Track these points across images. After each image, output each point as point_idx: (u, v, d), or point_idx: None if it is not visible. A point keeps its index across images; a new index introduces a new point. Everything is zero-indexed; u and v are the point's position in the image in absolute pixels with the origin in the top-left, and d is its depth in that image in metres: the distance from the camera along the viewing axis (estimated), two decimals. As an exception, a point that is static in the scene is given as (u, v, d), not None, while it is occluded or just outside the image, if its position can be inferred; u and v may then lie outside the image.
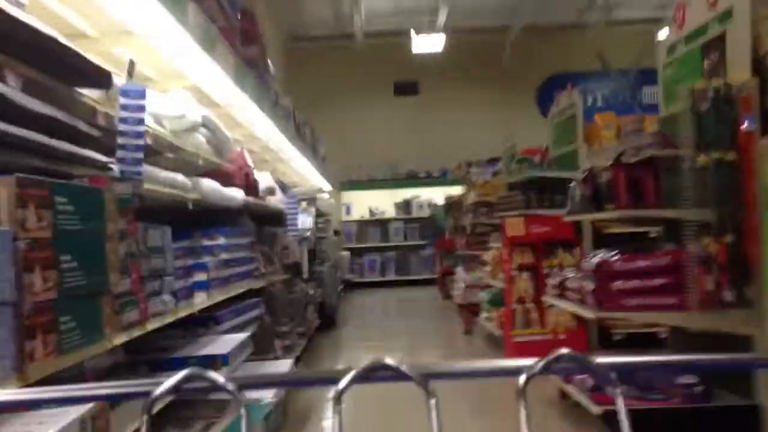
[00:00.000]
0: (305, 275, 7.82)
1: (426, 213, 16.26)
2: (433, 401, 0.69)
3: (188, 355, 3.48)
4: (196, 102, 4.62)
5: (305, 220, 7.51)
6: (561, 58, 16.68)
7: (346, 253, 15.39)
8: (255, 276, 5.51)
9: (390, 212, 16.57)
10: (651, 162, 4.14)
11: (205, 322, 4.32)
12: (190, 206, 4.02)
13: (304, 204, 7.61)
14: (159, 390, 0.67)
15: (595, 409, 4.02)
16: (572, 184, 5.06)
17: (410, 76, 16.94)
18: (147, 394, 0.67)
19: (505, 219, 6.77)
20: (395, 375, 0.70)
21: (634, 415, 0.75)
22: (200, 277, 3.94)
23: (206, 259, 4.20)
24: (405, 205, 16.48)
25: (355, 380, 0.69)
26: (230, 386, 0.69)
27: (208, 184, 4.36)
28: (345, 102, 16.57)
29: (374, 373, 0.70)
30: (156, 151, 4.11)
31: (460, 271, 10.54)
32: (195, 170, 4.48)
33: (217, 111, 5.67)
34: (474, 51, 16.71)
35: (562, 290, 4.89)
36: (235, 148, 5.84)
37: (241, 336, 4.01)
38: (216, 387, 0.69)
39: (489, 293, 7.61)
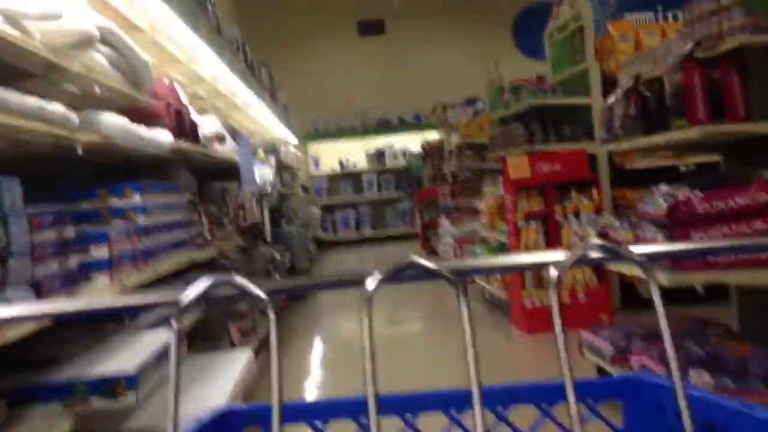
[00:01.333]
0: (268, 238, 6.55)
1: (401, 163, 14.97)
2: (464, 299, 0.67)
3: (71, 380, 2.21)
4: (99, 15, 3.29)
5: (264, 173, 6.21)
6: (537, -12, 15.28)
7: (317, 210, 14.08)
8: (198, 244, 4.22)
9: (362, 164, 15.24)
10: (736, 56, 2.90)
11: (119, 314, 3.05)
12: (80, 151, 2.71)
13: (261, 153, 6.31)
14: (186, 298, 0.65)
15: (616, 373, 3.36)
16: (611, 100, 3.81)
17: (375, 14, 15.45)
18: (175, 303, 0.66)
19: (507, 158, 5.52)
20: (425, 273, 0.68)
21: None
22: (98, 253, 2.65)
23: (110, 226, 2.91)
24: (377, 156, 15.16)
25: (383, 280, 0.67)
26: (259, 291, 0.67)
27: (111, 121, 3.04)
28: (305, 46, 15.07)
29: (403, 272, 0.68)
30: (21, 72, 2.83)
31: (445, 223, 9.33)
32: (96, 106, 3.16)
33: (141, 36, 4.33)
34: (443, -16, 15.27)
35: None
36: (162, 81, 4.48)
37: (164, 337, 2.74)
38: (245, 293, 0.67)
39: (486, 247, 6.41)
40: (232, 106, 9.11)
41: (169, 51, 5.46)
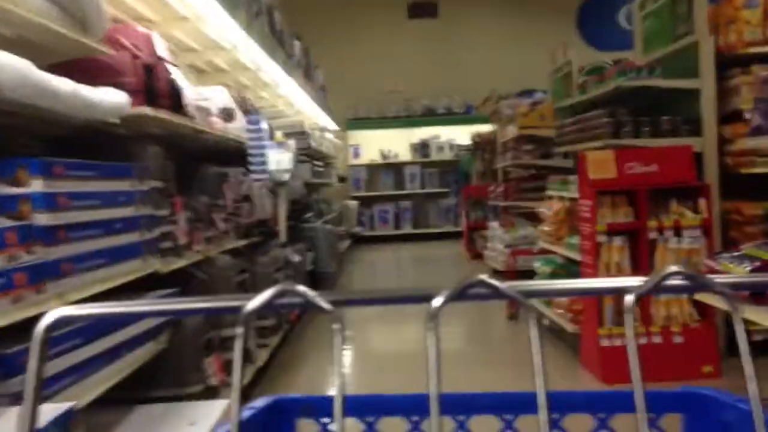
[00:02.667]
0: (283, 237, 5.35)
1: (446, 155, 13.65)
2: (533, 319, 0.66)
3: None
4: None
5: (281, 159, 5.01)
6: (606, -28, 13.78)
7: (354, 203, 12.90)
8: (163, 250, 3.03)
9: (405, 155, 13.96)
10: None
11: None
12: None
13: (279, 136, 5.11)
14: (251, 305, 0.65)
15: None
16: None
17: (428, -5, 14.14)
18: (241, 308, 0.65)
19: (585, 154, 4.20)
20: (492, 293, 0.67)
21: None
22: None
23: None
24: (422, 147, 13.85)
25: (450, 298, 0.67)
26: (324, 303, 0.66)
27: (13, 65, 1.87)
28: (350, 26, 13.84)
29: (470, 290, 0.67)
30: None
31: (494, 226, 8.02)
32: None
33: None
34: (503, -36, 13.87)
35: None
36: (132, 27, 3.30)
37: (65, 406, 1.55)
38: (308, 302, 0.67)
39: (550, 263, 5.10)
40: (259, 84, 7.97)
41: (171, 5, 4.34)
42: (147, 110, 2.92)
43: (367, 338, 5.81)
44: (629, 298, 0.66)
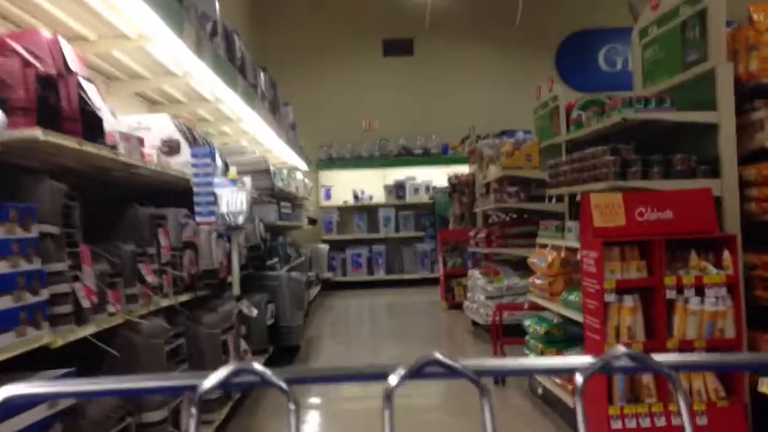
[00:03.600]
0: (236, 289, 4.60)
1: (423, 198, 13.01)
2: (486, 399, 0.67)
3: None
4: None
5: (234, 199, 4.30)
6: (584, 12, 13.46)
7: (324, 247, 12.17)
8: (53, 318, 2.29)
9: (379, 197, 13.29)
10: None
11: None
12: None
13: (233, 173, 4.42)
14: (206, 384, 0.65)
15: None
16: None
17: (403, 33, 13.66)
18: (194, 387, 0.66)
19: (588, 197, 3.55)
20: (447, 372, 0.68)
21: None
22: None
23: None
24: (397, 188, 13.21)
25: (406, 377, 0.68)
26: (280, 381, 0.68)
27: None
28: (324, 63, 13.28)
29: (425, 369, 0.69)
30: None
31: (475, 275, 7.34)
32: None
33: None
34: (480, 2, 13.46)
35: None
36: (35, 31, 2.63)
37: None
38: (265, 381, 0.68)
39: (543, 322, 4.41)
40: (220, 118, 7.30)
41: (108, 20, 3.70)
42: (38, 133, 2.20)
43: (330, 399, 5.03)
44: (579, 379, 0.67)
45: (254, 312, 5.09)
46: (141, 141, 3.34)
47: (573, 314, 3.97)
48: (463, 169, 10.80)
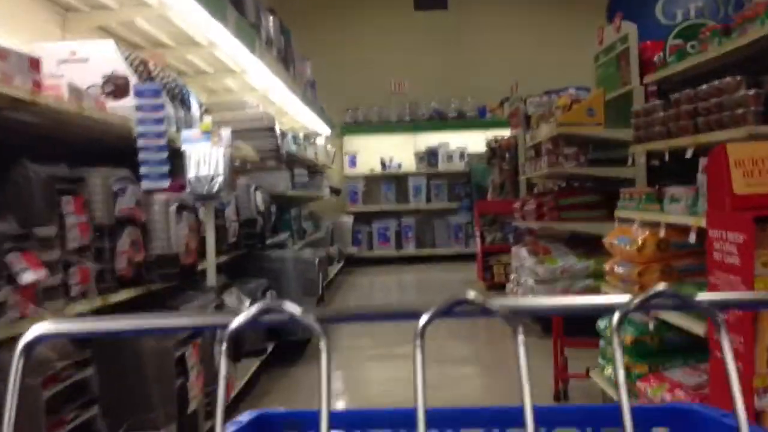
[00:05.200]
0: (211, 279, 3.43)
1: (457, 166, 11.72)
2: (521, 338, 0.65)
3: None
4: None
5: (209, 158, 3.13)
6: (640, -41, 11.90)
7: (349, 219, 11.00)
8: None
9: (409, 165, 12.00)
10: None
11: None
12: None
13: (207, 123, 3.23)
14: (236, 322, 0.65)
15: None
16: None
17: (437, -16, 12.28)
18: (225, 325, 0.66)
19: (725, 149, 2.28)
20: (479, 310, 0.67)
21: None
22: None
23: None
24: (429, 156, 11.92)
25: (437, 315, 0.66)
26: (310, 319, 0.64)
27: None
28: (348, 18, 12.00)
29: (457, 308, 0.67)
30: None
31: (521, 254, 6.09)
32: None
33: None
34: (523, -52, 12.04)
35: None
36: None
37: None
38: (294, 319, 0.65)
39: (630, 326, 3.16)
40: (218, 67, 6.09)
41: None
42: None
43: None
44: (615, 316, 0.66)
45: (246, 304, 3.93)
46: (34, 63, 2.14)
47: (679, 319, 2.73)
48: (503, 134, 9.50)
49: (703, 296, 0.67)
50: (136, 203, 2.65)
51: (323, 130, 10.35)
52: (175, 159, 3.13)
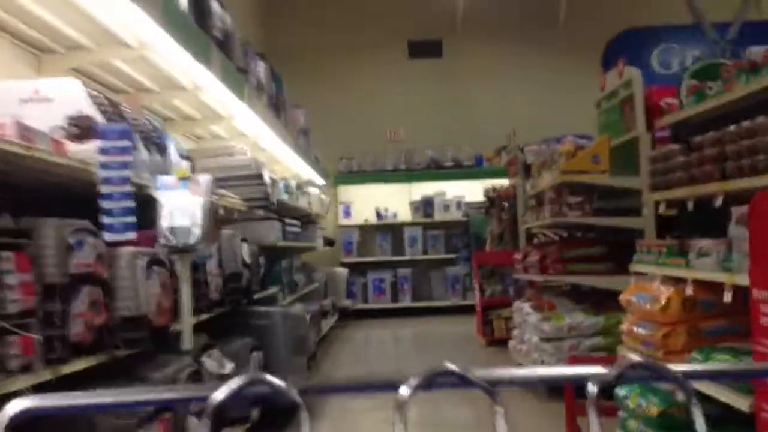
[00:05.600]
0: (186, 342, 3.09)
1: (453, 215, 11.43)
2: (499, 409, 0.67)
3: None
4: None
5: (185, 208, 2.82)
6: (634, 8, 11.89)
7: (343, 270, 10.64)
8: None
9: (404, 214, 11.73)
10: None
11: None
12: None
13: (183, 170, 2.93)
14: (219, 394, 0.66)
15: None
16: None
17: (431, 34, 12.19)
18: (204, 399, 0.67)
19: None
20: (459, 382, 0.68)
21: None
22: None
23: None
24: (425, 205, 11.64)
25: (418, 387, 0.67)
26: (293, 392, 0.67)
27: None
28: (343, 67, 11.85)
29: (438, 379, 0.68)
30: None
31: (524, 308, 5.75)
32: None
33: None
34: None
35: None
36: None
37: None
38: (277, 392, 0.67)
39: (656, 397, 2.81)
40: (207, 114, 5.85)
41: None
42: None
43: None
44: (592, 388, 0.68)
45: (227, 368, 3.58)
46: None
47: (717, 392, 2.39)
48: (501, 183, 9.24)
49: (677, 367, 0.70)
50: (96, 258, 2.32)
51: (317, 179, 10.08)
52: (148, 209, 2.83)
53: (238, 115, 5.47)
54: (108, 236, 2.41)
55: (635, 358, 0.66)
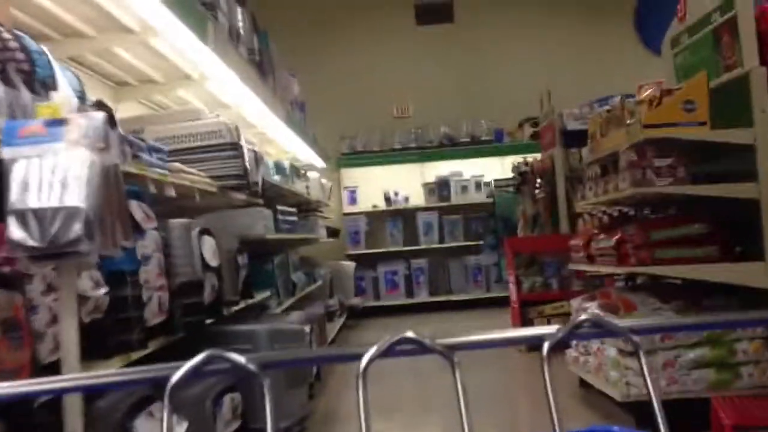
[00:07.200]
0: (71, 424, 1.69)
1: (473, 197, 10.07)
2: (458, 373, 0.69)
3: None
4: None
5: (54, 170, 1.48)
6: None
7: (350, 264, 9.28)
8: None
9: (417, 198, 10.35)
10: None
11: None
12: None
13: (52, 105, 1.59)
14: (178, 374, 0.64)
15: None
16: None
17: (440, -5, 10.77)
18: (166, 378, 0.65)
19: None
20: (419, 348, 0.69)
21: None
22: None
23: None
24: (440, 187, 10.25)
25: (377, 355, 0.69)
26: (252, 366, 0.67)
27: None
28: (344, 35, 10.46)
29: (397, 347, 0.69)
30: None
31: (591, 309, 4.32)
32: None
33: None
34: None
35: None
36: None
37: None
38: (237, 367, 0.66)
39: None
40: (176, 75, 4.46)
41: None
42: None
43: None
44: (545, 347, 0.71)
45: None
46: None
47: None
48: (528, 159, 7.84)
49: (623, 323, 0.72)
50: None
51: (317, 161, 8.70)
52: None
53: (205, 67, 4.06)
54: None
55: (584, 316, 0.69)
